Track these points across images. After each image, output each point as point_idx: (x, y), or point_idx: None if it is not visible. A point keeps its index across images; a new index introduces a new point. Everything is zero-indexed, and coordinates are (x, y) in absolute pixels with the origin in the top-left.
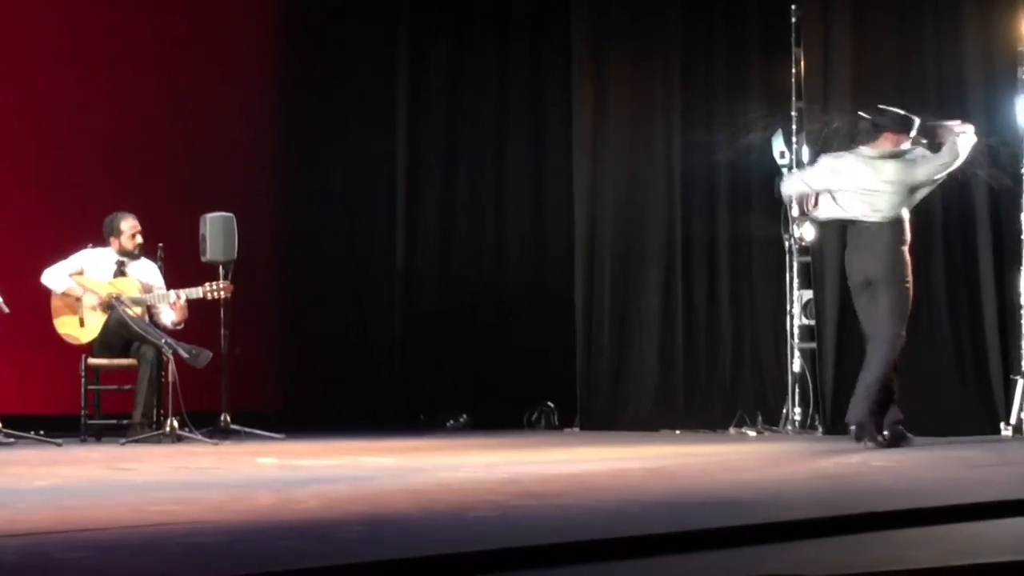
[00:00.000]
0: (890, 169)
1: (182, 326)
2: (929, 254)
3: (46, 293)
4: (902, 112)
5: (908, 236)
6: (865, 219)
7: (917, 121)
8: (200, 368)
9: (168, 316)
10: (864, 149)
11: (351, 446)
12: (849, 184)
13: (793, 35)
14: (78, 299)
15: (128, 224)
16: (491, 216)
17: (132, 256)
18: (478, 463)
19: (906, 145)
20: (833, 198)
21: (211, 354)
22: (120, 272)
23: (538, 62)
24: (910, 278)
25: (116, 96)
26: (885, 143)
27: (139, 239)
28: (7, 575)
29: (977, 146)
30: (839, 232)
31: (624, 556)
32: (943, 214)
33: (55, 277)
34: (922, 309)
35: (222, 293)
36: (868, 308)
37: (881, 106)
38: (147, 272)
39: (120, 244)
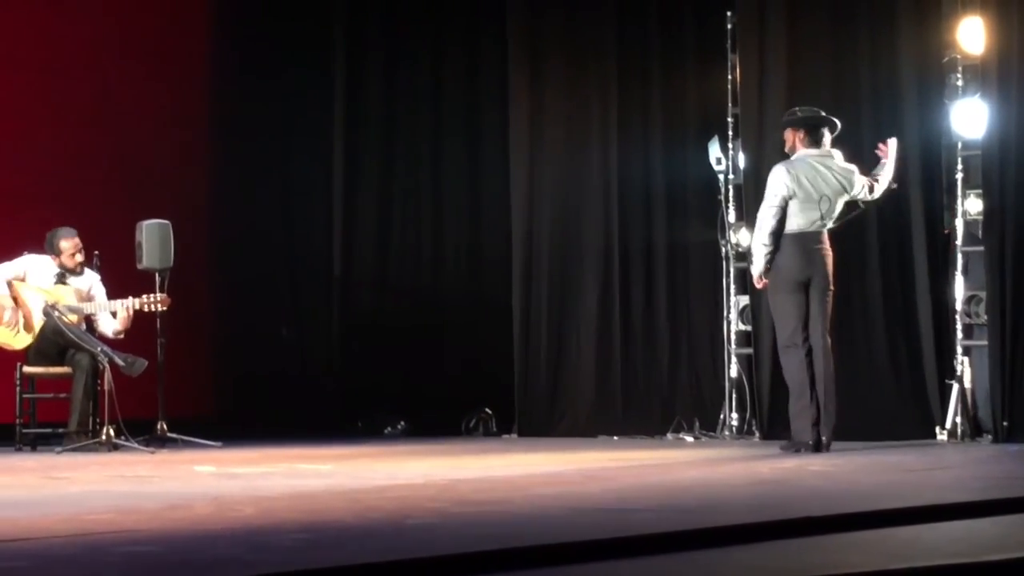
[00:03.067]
0: (839, 174)
1: (123, 336)
2: (864, 261)
3: None
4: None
5: None
6: (815, 227)
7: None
8: (135, 377)
9: (109, 325)
10: (813, 151)
11: (289, 453)
12: (808, 191)
13: (729, 41)
14: (13, 308)
15: (68, 243)
16: (428, 222)
17: (74, 273)
18: (416, 470)
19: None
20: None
21: (146, 362)
22: (61, 280)
23: (474, 65)
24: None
25: (49, 102)
26: (826, 146)
27: (80, 257)
28: None
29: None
30: None
31: (562, 562)
32: (878, 222)
33: None
34: (857, 316)
35: (159, 306)
36: (802, 309)
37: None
38: (88, 281)
39: (61, 262)
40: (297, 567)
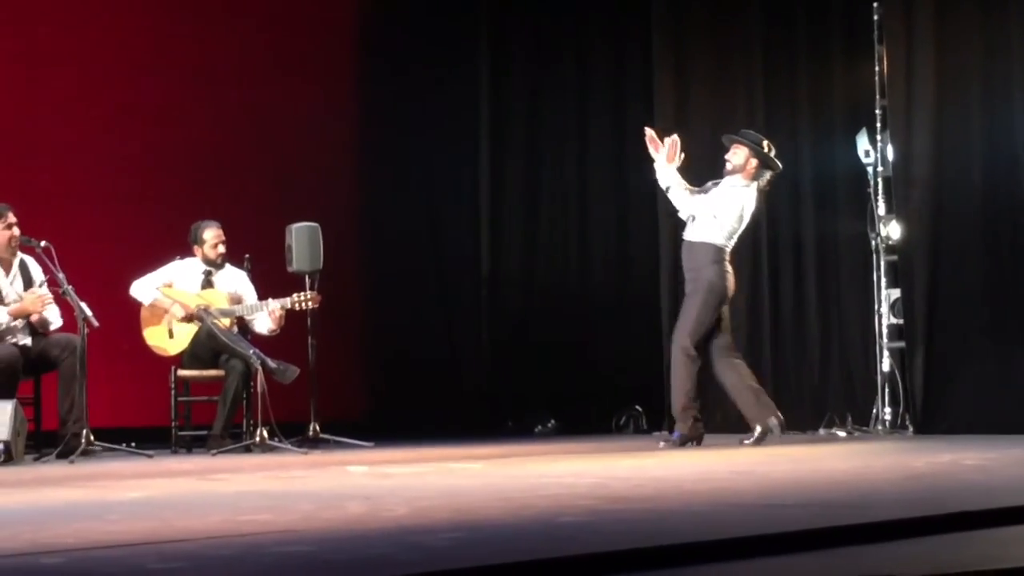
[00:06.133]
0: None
1: (278, 332)
2: None
3: (135, 306)
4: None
5: None
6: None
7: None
8: (286, 384)
9: (263, 324)
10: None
11: (440, 453)
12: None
13: (876, 33)
14: (166, 311)
15: (212, 233)
16: (575, 220)
17: (216, 266)
18: (567, 468)
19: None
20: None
21: (298, 370)
22: (208, 283)
23: (619, 63)
24: None
25: (201, 108)
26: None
27: (222, 248)
28: None
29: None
30: (927, 230)
31: (714, 559)
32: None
33: (143, 289)
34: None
35: (310, 304)
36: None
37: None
38: (236, 282)
39: (203, 253)
40: (450, 566)
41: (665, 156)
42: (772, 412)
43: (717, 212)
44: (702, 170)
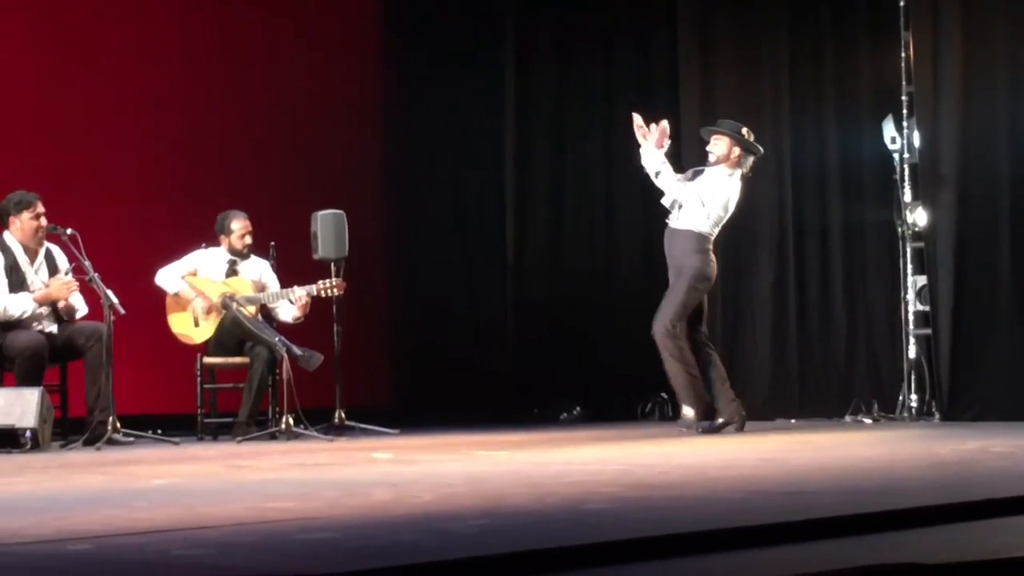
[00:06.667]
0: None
1: (302, 320)
2: None
3: (161, 293)
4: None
5: None
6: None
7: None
8: (311, 371)
9: (288, 312)
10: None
11: (465, 440)
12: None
13: (902, 19)
14: (190, 301)
15: (239, 224)
16: (601, 207)
17: (242, 256)
18: (592, 455)
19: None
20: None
21: (323, 357)
22: (232, 272)
23: (645, 48)
24: None
25: (226, 96)
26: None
27: (249, 239)
28: (128, 572)
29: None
30: (954, 217)
31: (739, 547)
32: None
33: (168, 278)
34: None
35: (335, 291)
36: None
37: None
38: (259, 270)
39: (230, 243)
40: (475, 553)
41: (654, 142)
42: (737, 410)
43: (705, 199)
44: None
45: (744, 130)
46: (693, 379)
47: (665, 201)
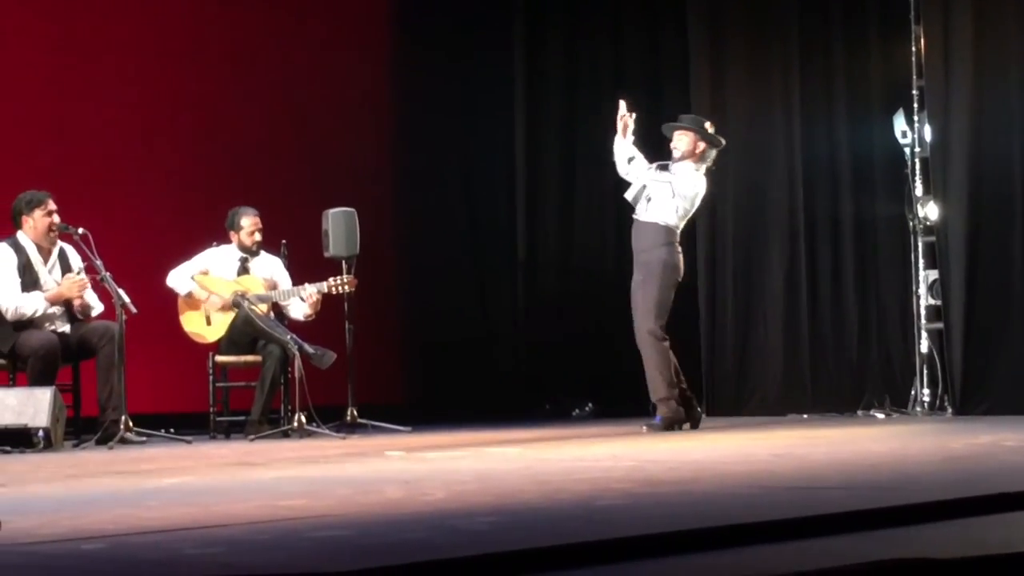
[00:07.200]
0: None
1: (313, 318)
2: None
3: (172, 293)
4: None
5: None
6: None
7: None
8: (323, 369)
9: (299, 310)
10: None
11: (477, 437)
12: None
13: (912, 12)
14: (202, 302)
15: (249, 220)
16: (611, 203)
17: (251, 253)
18: (604, 451)
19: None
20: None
21: (335, 355)
22: (244, 270)
23: (654, 44)
24: None
25: (236, 94)
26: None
27: (258, 236)
28: (141, 571)
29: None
30: (965, 211)
31: (752, 542)
32: None
33: (179, 279)
34: None
35: (346, 288)
36: None
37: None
38: (271, 268)
39: (239, 239)
40: (488, 550)
41: (628, 132)
42: (676, 410)
43: (676, 190)
44: (740, 149)
45: (707, 124)
46: (671, 388)
47: (628, 195)
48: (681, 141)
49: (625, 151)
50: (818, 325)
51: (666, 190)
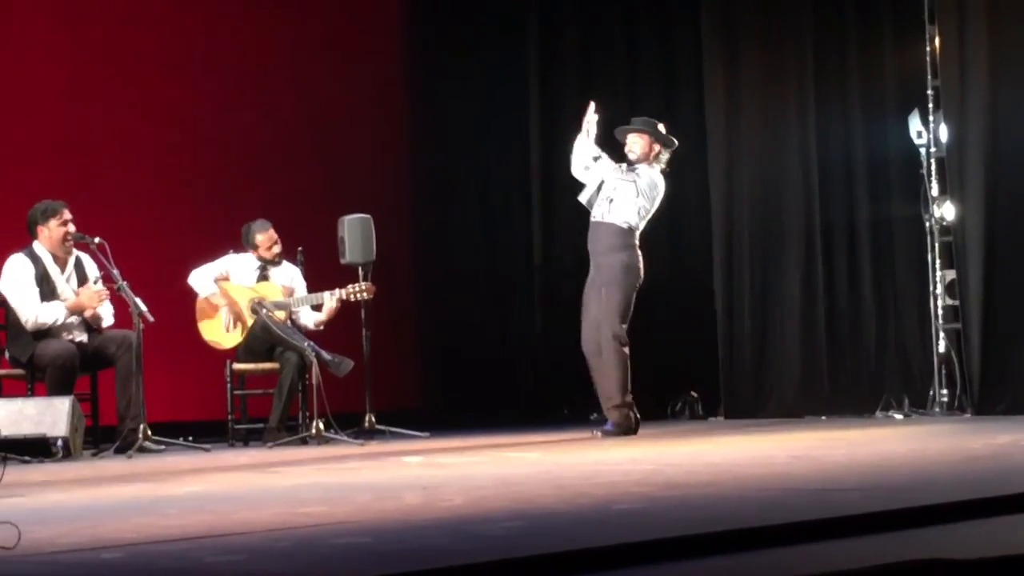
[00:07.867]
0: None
1: (323, 328)
2: None
3: (190, 301)
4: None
5: None
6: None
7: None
8: (341, 377)
9: (310, 318)
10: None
11: (496, 442)
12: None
13: (926, 12)
14: (220, 306)
15: (263, 236)
16: None
17: (273, 264)
18: (623, 455)
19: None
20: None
21: (352, 363)
22: (263, 276)
23: (669, 48)
24: None
25: (251, 101)
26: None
27: (277, 248)
28: None
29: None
30: (982, 211)
31: (773, 544)
32: None
33: (201, 280)
34: None
35: (364, 295)
36: None
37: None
38: (290, 276)
39: (259, 254)
40: (507, 556)
41: (592, 134)
42: (628, 417)
43: (640, 190)
44: (755, 150)
45: (660, 125)
46: (627, 395)
47: (582, 198)
48: (636, 144)
49: (590, 151)
50: (835, 326)
51: (631, 189)
